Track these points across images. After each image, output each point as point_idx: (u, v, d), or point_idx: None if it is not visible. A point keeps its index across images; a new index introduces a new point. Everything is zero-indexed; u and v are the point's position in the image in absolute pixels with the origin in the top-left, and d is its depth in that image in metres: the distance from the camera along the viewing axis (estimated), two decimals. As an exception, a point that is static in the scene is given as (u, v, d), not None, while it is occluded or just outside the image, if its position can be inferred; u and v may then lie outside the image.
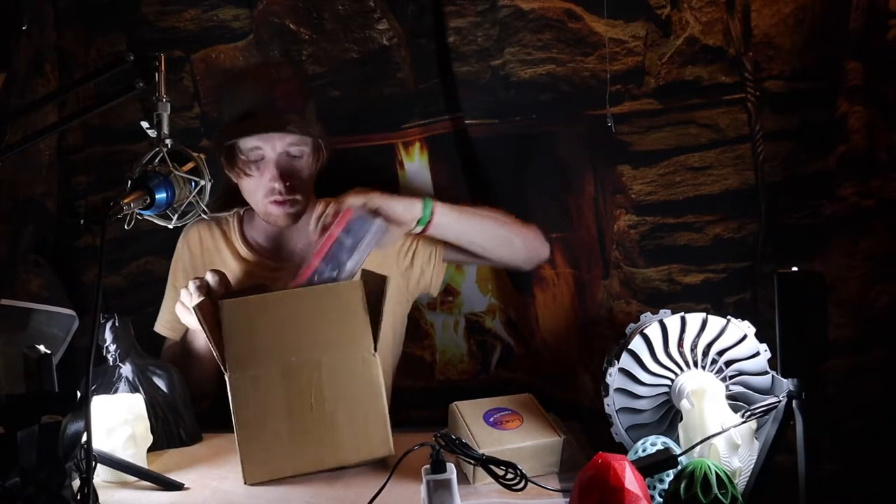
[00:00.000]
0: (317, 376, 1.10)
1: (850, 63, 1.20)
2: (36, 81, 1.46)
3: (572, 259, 1.45)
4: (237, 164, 1.34)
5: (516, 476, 0.94)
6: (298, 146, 1.34)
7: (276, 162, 1.33)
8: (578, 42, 1.36)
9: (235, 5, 1.51)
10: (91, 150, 1.55)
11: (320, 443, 1.10)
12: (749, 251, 1.32)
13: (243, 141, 1.32)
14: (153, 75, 1.00)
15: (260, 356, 1.10)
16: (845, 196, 1.21)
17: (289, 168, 1.34)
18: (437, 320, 1.58)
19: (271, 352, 1.10)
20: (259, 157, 1.33)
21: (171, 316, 1.48)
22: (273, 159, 1.33)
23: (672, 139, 1.34)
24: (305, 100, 1.37)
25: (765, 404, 0.96)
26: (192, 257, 1.47)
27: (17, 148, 1.03)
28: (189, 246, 1.47)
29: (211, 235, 1.47)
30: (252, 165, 1.33)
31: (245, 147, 1.33)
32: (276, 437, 1.09)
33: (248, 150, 1.33)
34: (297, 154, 1.35)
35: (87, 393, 0.81)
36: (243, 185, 1.37)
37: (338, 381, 1.11)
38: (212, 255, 1.45)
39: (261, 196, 1.35)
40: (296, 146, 1.34)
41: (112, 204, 0.89)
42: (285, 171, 1.33)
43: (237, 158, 1.34)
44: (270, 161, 1.33)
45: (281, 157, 1.33)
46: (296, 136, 1.32)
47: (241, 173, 1.34)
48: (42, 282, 1.41)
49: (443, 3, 1.42)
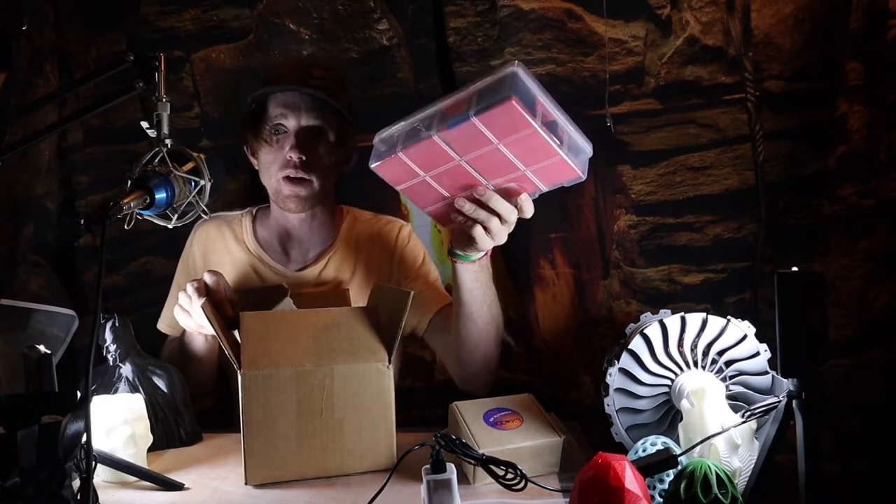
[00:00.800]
0: (329, 383, 1.09)
1: (850, 63, 1.20)
2: (36, 81, 1.46)
3: (572, 259, 1.45)
4: (261, 134, 1.35)
5: (516, 476, 0.94)
6: (324, 126, 1.35)
7: (296, 133, 1.34)
8: (578, 42, 1.36)
9: (235, 5, 1.51)
10: (91, 150, 1.55)
11: (326, 449, 1.10)
12: (749, 251, 1.32)
13: (270, 108, 1.34)
14: (153, 75, 1.00)
15: (274, 358, 1.09)
16: (845, 196, 1.21)
17: (308, 144, 1.34)
18: (437, 320, 1.58)
19: (286, 355, 1.09)
20: (282, 129, 1.34)
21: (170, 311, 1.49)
22: (294, 130, 1.34)
23: (672, 139, 1.34)
24: (341, 90, 1.38)
25: (765, 404, 0.96)
26: (202, 256, 1.47)
27: (17, 148, 1.03)
28: (198, 245, 1.48)
29: (221, 235, 1.47)
30: (273, 138, 1.34)
31: (271, 114, 1.34)
32: (283, 439, 1.08)
33: (274, 115, 1.34)
34: (319, 131, 1.35)
35: (87, 393, 0.81)
36: (261, 158, 1.38)
37: (349, 388, 1.10)
38: (220, 255, 1.45)
39: (275, 169, 1.35)
40: (321, 125, 1.35)
41: (112, 204, 0.89)
42: (304, 144, 1.33)
43: (261, 126, 1.35)
44: (291, 133, 1.34)
45: (303, 130, 1.34)
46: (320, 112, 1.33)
47: (263, 142, 1.35)
48: (42, 282, 1.41)
49: (443, 3, 1.43)
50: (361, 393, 1.11)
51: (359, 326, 1.14)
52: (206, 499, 1.06)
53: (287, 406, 1.08)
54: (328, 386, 1.09)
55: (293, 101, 1.33)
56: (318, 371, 1.09)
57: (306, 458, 1.09)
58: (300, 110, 1.33)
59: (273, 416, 1.08)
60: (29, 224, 1.45)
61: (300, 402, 1.09)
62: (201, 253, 1.47)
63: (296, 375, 1.08)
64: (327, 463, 1.10)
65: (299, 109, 1.33)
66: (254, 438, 1.08)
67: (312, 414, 1.09)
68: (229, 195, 1.59)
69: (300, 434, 1.09)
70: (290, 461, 1.09)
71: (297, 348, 1.10)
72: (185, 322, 1.27)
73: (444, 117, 0.99)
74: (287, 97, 1.34)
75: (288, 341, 1.11)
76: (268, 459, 1.08)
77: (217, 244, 1.46)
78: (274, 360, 1.09)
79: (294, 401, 1.08)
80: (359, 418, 1.11)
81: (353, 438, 1.11)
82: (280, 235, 1.46)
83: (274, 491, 1.07)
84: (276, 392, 1.08)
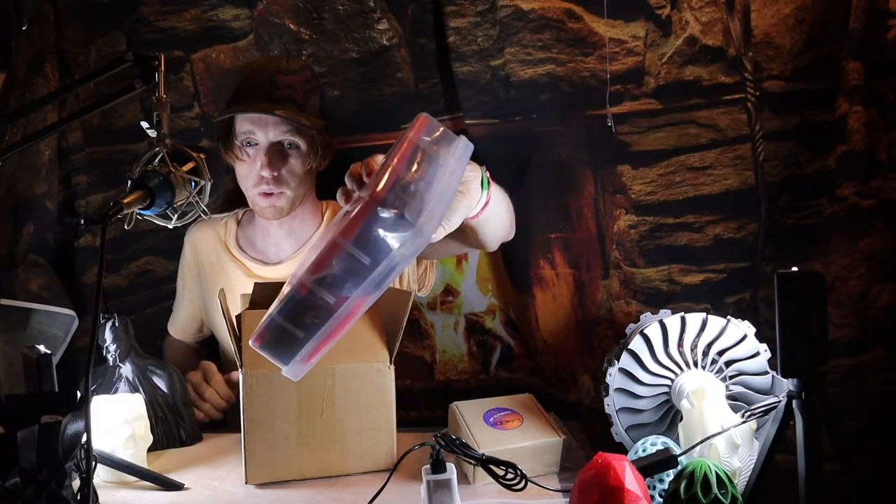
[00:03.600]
0: (330, 383, 1.09)
1: (850, 63, 1.20)
2: (36, 81, 1.46)
3: (572, 259, 1.45)
4: (232, 148, 1.33)
5: (516, 476, 0.94)
6: (293, 137, 1.32)
7: (266, 149, 1.31)
8: (578, 42, 1.36)
9: (235, 5, 1.51)
10: (91, 150, 1.55)
11: (326, 449, 1.10)
12: (749, 251, 1.32)
13: (238, 123, 1.32)
14: (153, 75, 1.00)
15: None
16: (845, 196, 1.21)
17: (280, 158, 1.32)
18: (437, 320, 1.58)
19: None
20: (252, 141, 1.32)
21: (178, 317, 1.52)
22: (265, 146, 1.31)
23: (672, 139, 1.34)
24: (310, 93, 1.35)
25: (765, 404, 0.96)
26: (193, 256, 1.48)
27: (17, 148, 1.03)
28: (190, 248, 1.49)
29: (206, 238, 1.48)
30: (245, 151, 1.32)
31: (239, 130, 1.32)
32: (284, 438, 1.08)
33: (242, 132, 1.32)
34: (290, 145, 1.33)
35: (87, 393, 0.81)
36: (237, 169, 1.37)
37: (350, 388, 1.10)
38: (209, 257, 1.46)
39: (249, 184, 1.35)
40: (290, 137, 1.31)
41: (112, 204, 0.89)
42: (276, 160, 1.31)
43: (232, 141, 1.33)
44: (262, 148, 1.31)
45: (273, 145, 1.31)
46: (290, 125, 1.30)
47: (235, 157, 1.34)
48: (42, 282, 1.41)
49: (443, 3, 1.42)
50: (362, 393, 1.11)
51: (360, 326, 1.14)
52: (206, 499, 1.06)
53: (288, 405, 1.08)
54: (329, 386, 1.09)
55: (259, 115, 1.30)
56: (320, 371, 1.09)
57: (307, 458, 1.09)
58: (268, 125, 1.30)
59: (274, 416, 1.08)
60: (29, 224, 1.45)
61: (301, 402, 1.09)
62: (193, 256, 1.49)
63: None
64: (328, 463, 1.10)
65: (267, 125, 1.30)
66: (254, 438, 1.08)
67: (313, 413, 1.09)
68: (229, 195, 1.59)
69: (301, 434, 1.09)
70: (290, 461, 1.09)
71: None
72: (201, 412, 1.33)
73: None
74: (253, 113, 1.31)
75: None
76: (268, 459, 1.08)
77: (205, 247, 1.48)
78: None
79: (295, 400, 1.08)
80: (359, 418, 1.11)
81: (354, 438, 1.11)
82: (262, 236, 1.46)
83: (274, 491, 1.07)
84: (277, 391, 1.08)
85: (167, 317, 1.59)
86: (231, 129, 1.34)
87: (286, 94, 1.30)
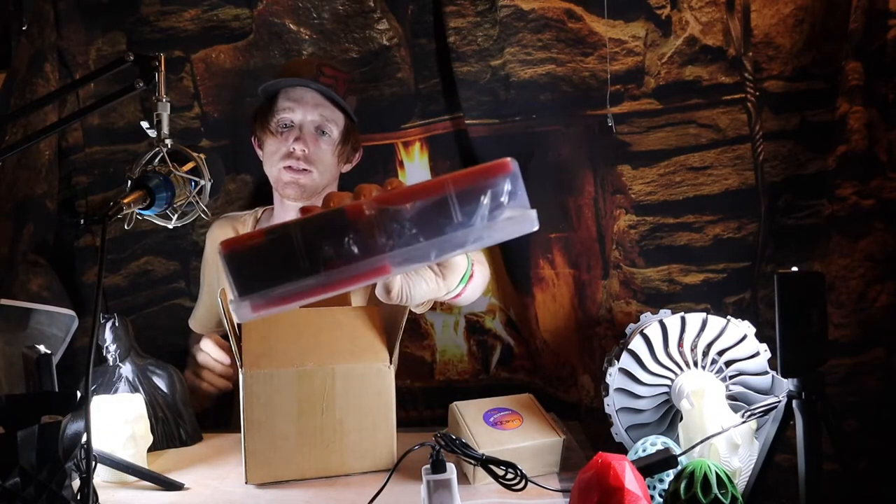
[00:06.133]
0: (330, 382, 1.09)
1: (850, 63, 1.20)
2: (36, 81, 1.46)
3: (572, 259, 1.45)
4: (268, 125, 1.39)
5: (516, 476, 0.94)
6: (328, 123, 1.39)
7: (301, 126, 1.38)
8: (578, 42, 1.36)
9: (235, 5, 1.51)
10: (91, 150, 1.55)
11: (327, 449, 1.10)
12: (749, 251, 1.32)
13: (279, 101, 1.39)
14: (153, 75, 1.00)
15: (276, 357, 1.09)
16: (845, 196, 1.21)
17: (312, 139, 1.38)
18: (437, 320, 1.58)
19: (288, 354, 1.10)
20: (288, 122, 1.38)
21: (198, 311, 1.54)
22: (299, 124, 1.38)
23: (672, 139, 1.34)
24: (349, 92, 1.42)
25: (765, 404, 0.96)
26: (214, 252, 1.49)
27: (17, 148, 1.03)
28: (210, 244, 1.52)
29: (226, 234, 1.49)
30: (279, 129, 1.39)
31: (279, 106, 1.38)
32: (284, 438, 1.08)
33: (282, 108, 1.38)
34: (326, 130, 1.39)
35: (87, 393, 0.81)
36: (266, 148, 1.41)
37: (350, 388, 1.10)
38: None
39: (277, 158, 1.39)
40: (326, 122, 1.38)
41: (112, 204, 0.89)
42: (308, 138, 1.37)
43: (268, 120, 1.39)
44: (297, 126, 1.38)
45: (309, 125, 1.38)
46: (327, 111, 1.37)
47: (269, 133, 1.39)
48: (42, 282, 1.41)
49: (443, 3, 1.42)
50: (362, 393, 1.11)
51: (360, 326, 1.14)
52: (206, 499, 1.06)
53: (288, 405, 1.08)
54: (329, 386, 1.09)
55: (301, 95, 1.38)
56: (320, 371, 1.09)
57: (307, 458, 1.09)
58: (307, 105, 1.38)
59: (274, 416, 1.08)
60: (29, 224, 1.45)
61: (301, 402, 1.09)
62: (213, 252, 1.51)
63: (297, 375, 1.08)
64: (328, 462, 1.10)
65: (306, 104, 1.38)
66: (255, 437, 1.08)
67: (313, 413, 1.09)
68: (229, 195, 1.59)
69: (301, 433, 1.09)
70: (290, 460, 1.09)
71: (298, 348, 1.10)
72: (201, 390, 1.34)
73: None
74: (296, 92, 1.38)
75: (290, 341, 1.11)
76: (268, 458, 1.08)
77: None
78: (276, 359, 1.09)
79: (295, 400, 1.08)
80: (360, 418, 1.11)
81: (354, 438, 1.11)
82: None
83: (273, 491, 1.07)
84: (278, 391, 1.08)
85: (167, 317, 1.59)
86: (268, 108, 1.40)
87: (330, 82, 1.37)
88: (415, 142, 1.53)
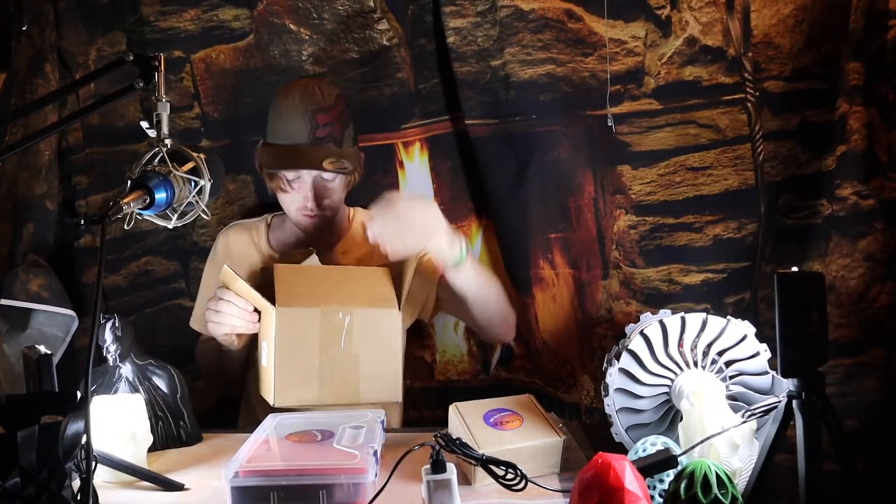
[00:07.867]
0: (349, 320, 1.23)
1: (850, 63, 1.20)
2: (36, 81, 1.46)
3: (572, 259, 1.45)
4: (276, 178, 1.41)
5: (516, 476, 0.94)
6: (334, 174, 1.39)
7: (310, 185, 1.38)
8: (578, 42, 1.36)
9: (235, 5, 1.51)
10: (91, 150, 1.55)
11: (343, 379, 1.23)
12: (749, 251, 1.32)
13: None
14: (153, 75, 1.00)
15: (304, 298, 1.24)
16: (845, 196, 1.21)
17: (322, 190, 1.40)
18: (437, 320, 1.58)
19: (314, 297, 1.25)
20: (296, 177, 1.39)
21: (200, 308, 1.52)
22: (309, 183, 1.38)
23: (672, 139, 1.34)
24: (345, 125, 1.39)
25: (765, 404, 0.96)
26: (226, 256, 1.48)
27: (17, 148, 1.03)
28: (222, 249, 1.50)
29: (240, 240, 1.50)
30: (289, 185, 1.40)
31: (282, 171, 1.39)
32: (308, 367, 1.21)
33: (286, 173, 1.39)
34: (331, 179, 1.40)
35: (87, 393, 0.81)
36: (280, 197, 1.44)
37: (366, 327, 1.24)
38: (241, 258, 1.47)
39: (294, 209, 1.42)
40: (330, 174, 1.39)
41: (112, 204, 0.89)
42: (319, 191, 1.39)
43: (277, 178, 1.40)
44: (306, 183, 1.39)
45: (316, 179, 1.39)
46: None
47: (279, 189, 1.42)
48: (42, 282, 1.41)
49: (443, 3, 1.42)
50: (375, 331, 1.25)
51: (374, 280, 1.31)
52: (206, 499, 1.06)
53: (312, 340, 1.22)
54: (348, 323, 1.23)
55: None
56: (341, 311, 1.23)
57: (327, 386, 1.23)
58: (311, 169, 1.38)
59: (302, 347, 1.21)
60: (29, 224, 1.45)
61: (323, 336, 1.22)
62: (226, 256, 1.50)
63: (321, 313, 1.23)
64: (344, 391, 1.23)
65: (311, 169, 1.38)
66: (284, 365, 1.20)
67: (334, 347, 1.23)
68: (229, 195, 1.59)
69: (322, 365, 1.22)
70: (312, 388, 1.22)
71: (323, 293, 1.26)
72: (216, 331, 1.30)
73: None
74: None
75: (315, 287, 1.28)
76: (293, 384, 1.21)
77: (237, 248, 1.50)
78: (304, 299, 1.24)
79: (318, 335, 1.22)
80: (372, 355, 1.24)
81: (367, 372, 1.24)
82: (295, 240, 1.49)
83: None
84: (305, 327, 1.22)
85: (167, 317, 1.59)
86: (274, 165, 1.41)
87: (326, 133, 1.35)
88: (415, 142, 1.54)
